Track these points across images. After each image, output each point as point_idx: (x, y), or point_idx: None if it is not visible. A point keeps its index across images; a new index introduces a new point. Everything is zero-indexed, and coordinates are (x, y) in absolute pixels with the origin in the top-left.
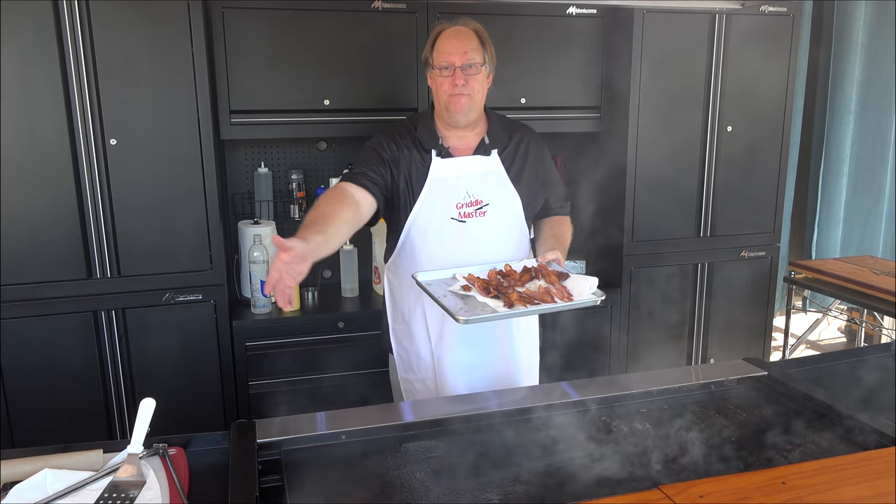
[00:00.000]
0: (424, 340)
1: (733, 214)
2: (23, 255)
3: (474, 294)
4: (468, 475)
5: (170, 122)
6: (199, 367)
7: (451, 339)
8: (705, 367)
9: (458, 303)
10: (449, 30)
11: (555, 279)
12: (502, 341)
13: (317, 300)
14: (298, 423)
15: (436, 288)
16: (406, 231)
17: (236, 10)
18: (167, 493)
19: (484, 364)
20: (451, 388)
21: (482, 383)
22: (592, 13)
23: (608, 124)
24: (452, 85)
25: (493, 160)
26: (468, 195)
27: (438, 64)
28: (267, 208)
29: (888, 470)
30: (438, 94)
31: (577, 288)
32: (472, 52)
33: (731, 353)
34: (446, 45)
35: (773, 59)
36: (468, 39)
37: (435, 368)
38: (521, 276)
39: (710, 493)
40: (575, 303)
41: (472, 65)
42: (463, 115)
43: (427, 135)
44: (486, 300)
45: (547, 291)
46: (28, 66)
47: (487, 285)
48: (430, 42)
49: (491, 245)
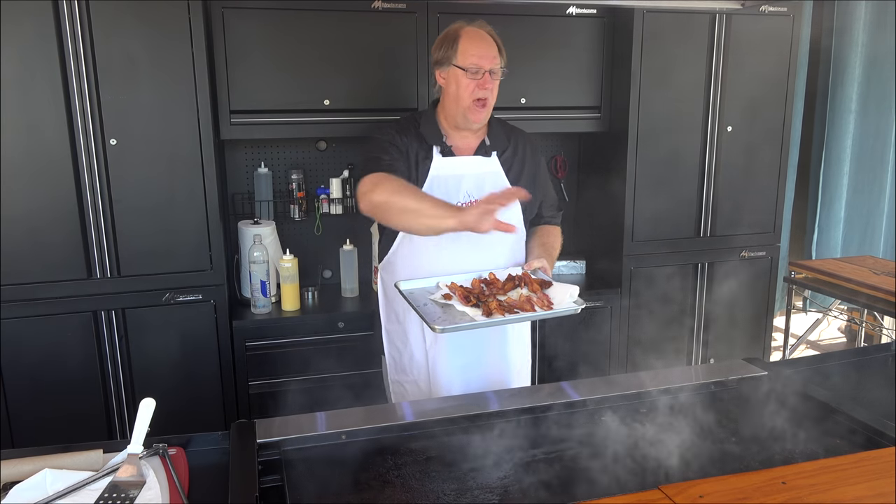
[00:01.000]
0: (419, 341)
1: (733, 214)
2: (23, 255)
3: (454, 303)
4: (468, 475)
5: (170, 122)
6: (199, 368)
7: (446, 340)
8: (705, 367)
9: (437, 311)
10: (472, 31)
11: (537, 287)
12: (496, 343)
13: (317, 300)
14: (298, 423)
15: (417, 296)
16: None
17: (236, 10)
18: (167, 493)
19: (477, 365)
20: (446, 389)
21: (476, 384)
22: (592, 13)
23: (608, 124)
24: (480, 88)
25: (493, 162)
26: (468, 195)
27: (468, 66)
28: (267, 208)
29: (888, 470)
30: (461, 94)
31: (557, 296)
32: (497, 58)
33: (731, 353)
34: (475, 47)
35: (773, 59)
36: (492, 45)
37: (429, 369)
38: (504, 284)
39: (710, 493)
40: (553, 311)
41: (496, 70)
42: (480, 123)
43: (430, 131)
44: (466, 309)
45: (528, 300)
46: (28, 67)
47: (469, 294)
48: (448, 40)
49: (489, 247)
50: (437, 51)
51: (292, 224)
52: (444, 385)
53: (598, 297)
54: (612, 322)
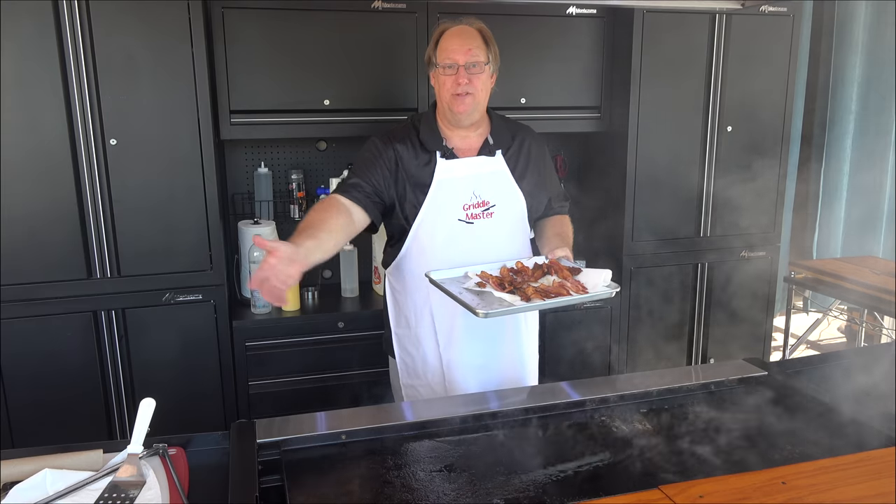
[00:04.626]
0: (432, 344)
1: (733, 214)
2: (23, 256)
3: (490, 290)
4: (467, 475)
5: (170, 122)
6: (199, 367)
7: (461, 340)
8: (705, 367)
9: (474, 299)
10: (453, 28)
11: (568, 274)
12: (511, 342)
13: (317, 300)
14: (298, 423)
15: (450, 286)
16: (412, 234)
17: (236, 11)
18: (167, 493)
19: (492, 365)
20: (462, 390)
21: (492, 385)
22: (592, 13)
23: (608, 124)
24: (455, 84)
25: (498, 161)
26: (475, 196)
27: (442, 62)
28: (267, 208)
29: (888, 470)
30: (441, 93)
31: (590, 281)
32: (475, 51)
33: (731, 353)
34: (450, 43)
35: (773, 59)
36: (472, 38)
37: (444, 371)
38: (532, 272)
39: (710, 493)
40: (591, 295)
41: (475, 63)
42: (466, 115)
43: (430, 136)
44: (503, 295)
45: (562, 286)
46: (28, 67)
47: (501, 281)
48: (433, 41)
49: (498, 246)
50: (428, 53)
51: (292, 224)
52: (461, 387)
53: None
54: (612, 322)
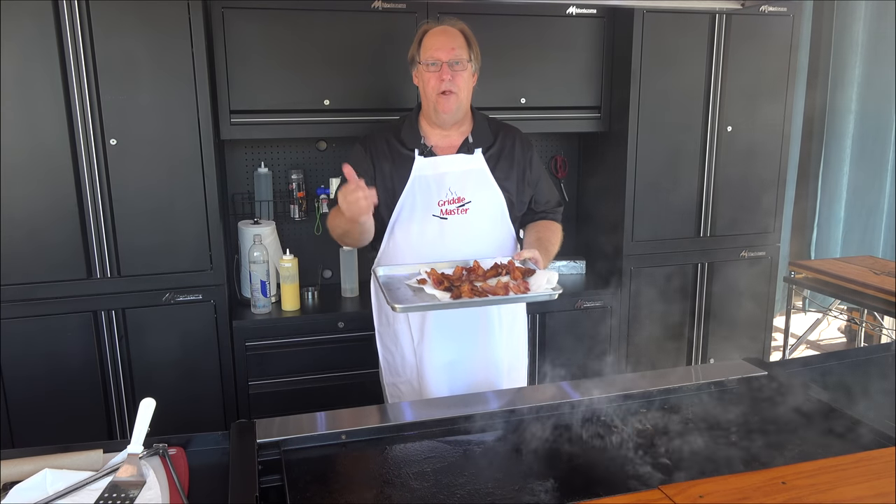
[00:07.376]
0: (408, 341)
1: (733, 214)
2: (23, 256)
3: (426, 287)
4: (467, 475)
5: (170, 123)
6: (199, 368)
7: (432, 338)
8: (705, 367)
9: (408, 294)
10: (436, 28)
11: (518, 275)
12: (482, 340)
13: (317, 300)
14: (298, 423)
15: (394, 281)
16: (389, 230)
17: (236, 10)
18: (167, 493)
19: (462, 362)
20: (433, 388)
21: (462, 383)
22: (592, 13)
23: (608, 124)
24: (439, 80)
25: (477, 159)
26: (450, 192)
27: (425, 60)
28: (267, 208)
29: (888, 470)
30: (426, 91)
31: (536, 282)
32: (458, 49)
33: (731, 353)
34: (433, 41)
35: (773, 59)
36: (454, 37)
37: (418, 368)
38: (487, 272)
39: (710, 493)
40: (526, 296)
41: (458, 61)
42: (451, 115)
43: (410, 135)
44: (434, 292)
45: (504, 286)
46: (28, 67)
47: (443, 279)
48: (416, 41)
49: (472, 242)
50: (411, 52)
51: (292, 224)
52: (432, 384)
53: (598, 297)
54: (612, 322)
